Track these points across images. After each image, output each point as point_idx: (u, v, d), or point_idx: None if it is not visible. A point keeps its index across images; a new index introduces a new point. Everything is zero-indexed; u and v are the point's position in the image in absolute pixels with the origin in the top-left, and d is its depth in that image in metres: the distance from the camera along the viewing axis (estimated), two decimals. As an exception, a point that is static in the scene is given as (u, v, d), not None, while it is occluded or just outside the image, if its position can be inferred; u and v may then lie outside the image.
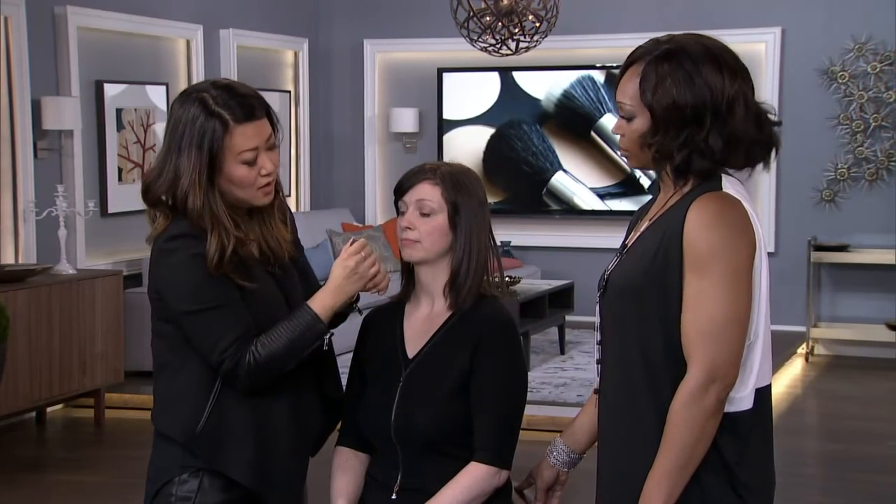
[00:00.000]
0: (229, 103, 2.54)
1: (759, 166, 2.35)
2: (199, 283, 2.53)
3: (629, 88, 2.33)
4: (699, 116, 2.26)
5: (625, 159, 2.47)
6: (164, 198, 2.59)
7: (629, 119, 2.34)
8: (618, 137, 2.39)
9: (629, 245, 2.41)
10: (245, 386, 2.56)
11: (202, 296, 2.53)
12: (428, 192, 2.66)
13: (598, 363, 2.45)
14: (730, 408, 2.27)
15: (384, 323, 2.76)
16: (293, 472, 2.67)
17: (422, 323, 2.71)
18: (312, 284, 2.74)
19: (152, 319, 2.67)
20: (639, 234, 2.40)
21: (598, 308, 2.45)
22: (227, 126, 2.53)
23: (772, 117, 2.35)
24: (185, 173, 2.53)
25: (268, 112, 2.62)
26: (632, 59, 2.35)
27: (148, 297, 2.66)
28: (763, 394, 2.33)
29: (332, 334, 2.64)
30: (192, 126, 2.53)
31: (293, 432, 2.65)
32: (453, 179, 2.67)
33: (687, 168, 2.30)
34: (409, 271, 2.75)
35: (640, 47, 2.35)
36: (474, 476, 2.60)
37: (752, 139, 2.30)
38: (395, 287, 2.80)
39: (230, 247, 2.55)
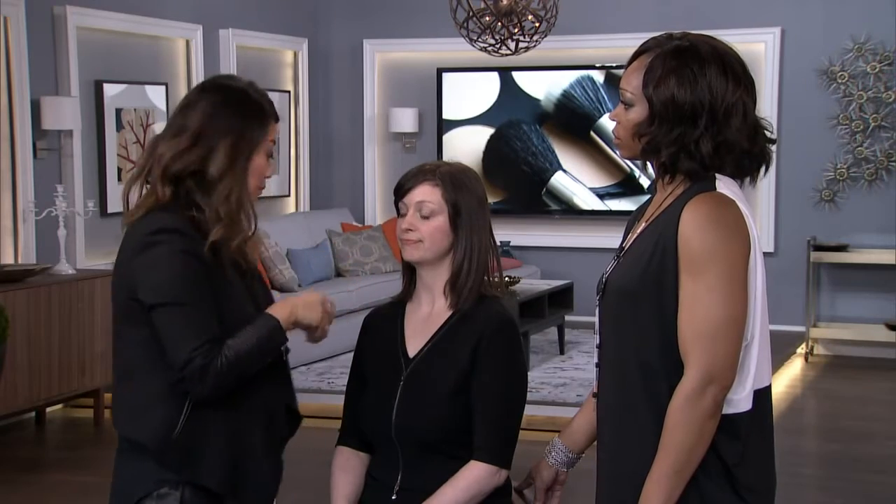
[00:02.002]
0: (270, 102, 2.65)
1: (747, 179, 2.35)
2: (183, 277, 2.49)
3: (634, 78, 2.33)
4: (695, 117, 2.26)
5: (616, 149, 2.47)
6: (185, 173, 2.53)
7: (628, 107, 2.34)
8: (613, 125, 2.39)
9: (626, 248, 2.41)
10: (209, 387, 2.48)
11: (182, 291, 2.48)
12: (428, 194, 2.66)
13: (596, 366, 2.45)
14: (728, 409, 2.26)
15: (384, 323, 2.77)
16: (267, 481, 2.64)
17: (422, 322, 2.72)
18: (269, 296, 2.73)
19: (118, 323, 2.61)
20: (636, 236, 2.39)
21: (597, 311, 2.44)
22: (268, 121, 2.61)
23: (768, 133, 2.34)
24: (225, 154, 2.53)
25: None
26: (642, 49, 2.35)
27: (115, 300, 2.59)
28: (762, 395, 2.33)
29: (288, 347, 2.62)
30: (236, 113, 2.56)
31: (266, 440, 2.62)
32: (453, 179, 2.67)
33: (673, 166, 2.30)
34: (409, 271, 2.76)
35: (652, 38, 2.35)
36: (474, 475, 2.60)
37: (744, 150, 2.30)
38: (395, 287, 2.80)
39: (238, 239, 2.54)
